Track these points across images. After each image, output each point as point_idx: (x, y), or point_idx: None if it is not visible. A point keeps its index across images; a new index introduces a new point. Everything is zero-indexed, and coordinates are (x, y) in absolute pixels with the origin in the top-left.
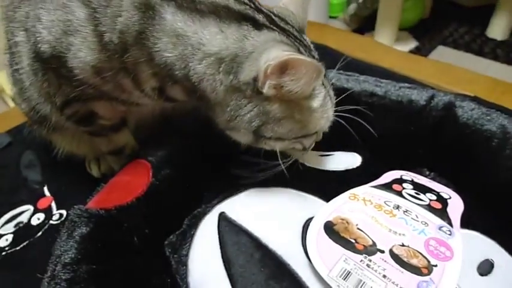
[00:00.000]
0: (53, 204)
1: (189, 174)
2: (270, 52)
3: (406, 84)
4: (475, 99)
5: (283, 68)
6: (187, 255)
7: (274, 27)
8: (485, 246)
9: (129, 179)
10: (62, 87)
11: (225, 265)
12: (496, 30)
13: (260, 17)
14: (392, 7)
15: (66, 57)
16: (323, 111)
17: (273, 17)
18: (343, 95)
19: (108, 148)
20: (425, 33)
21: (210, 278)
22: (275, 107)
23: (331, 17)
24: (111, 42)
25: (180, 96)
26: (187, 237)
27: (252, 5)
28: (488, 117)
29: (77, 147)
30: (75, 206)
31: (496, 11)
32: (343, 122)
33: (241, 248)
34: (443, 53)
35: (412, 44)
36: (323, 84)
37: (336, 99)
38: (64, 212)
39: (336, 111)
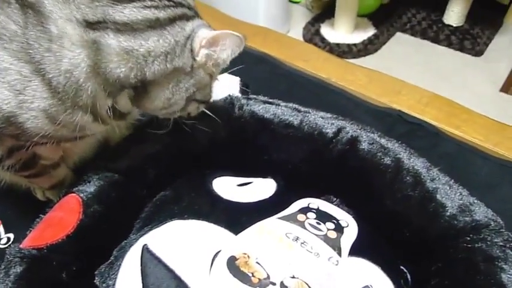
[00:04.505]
0: (1, 228)
1: (117, 209)
2: (202, 32)
3: (321, 114)
4: (398, 115)
5: (215, 40)
6: (114, 284)
7: (197, 15)
8: (368, 273)
9: (62, 215)
10: (4, 143)
11: None
12: (452, 17)
13: (187, 11)
14: None
15: (17, 115)
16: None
17: (193, 7)
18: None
19: (49, 184)
20: (385, 19)
21: None
22: (204, 75)
23: (292, 2)
24: (60, 84)
25: (126, 105)
26: (114, 267)
27: (177, 5)
28: (386, 151)
29: (19, 178)
30: (11, 245)
31: None
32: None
33: (158, 279)
34: (400, 40)
35: (371, 32)
36: None
37: (255, 129)
38: (12, 235)
39: (255, 140)
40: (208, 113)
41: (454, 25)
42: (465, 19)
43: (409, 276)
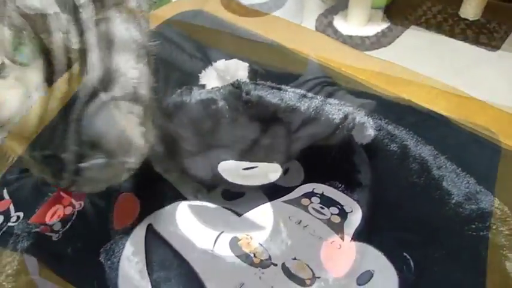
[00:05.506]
0: (11, 207)
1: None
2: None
3: (329, 100)
4: (408, 104)
5: None
6: (118, 262)
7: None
8: (371, 258)
9: (71, 193)
10: None
11: (148, 273)
12: (468, 10)
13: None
14: None
15: None
16: None
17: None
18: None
19: None
20: (399, 12)
21: (136, 285)
22: None
23: None
24: None
25: None
26: (119, 245)
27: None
28: (392, 137)
29: None
30: (20, 220)
31: None
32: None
33: (162, 258)
34: (414, 35)
35: (384, 25)
36: None
37: (262, 114)
38: (21, 214)
39: (261, 125)
40: None
41: (470, 19)
42: (482, 13)
43: (412, 263)
